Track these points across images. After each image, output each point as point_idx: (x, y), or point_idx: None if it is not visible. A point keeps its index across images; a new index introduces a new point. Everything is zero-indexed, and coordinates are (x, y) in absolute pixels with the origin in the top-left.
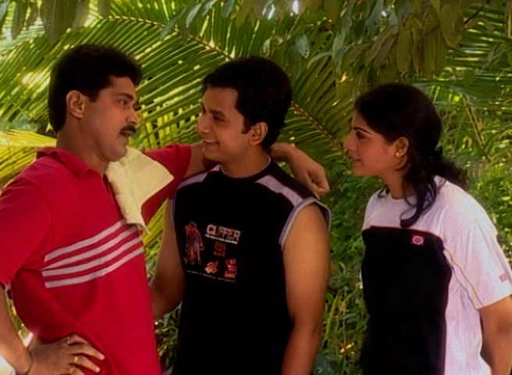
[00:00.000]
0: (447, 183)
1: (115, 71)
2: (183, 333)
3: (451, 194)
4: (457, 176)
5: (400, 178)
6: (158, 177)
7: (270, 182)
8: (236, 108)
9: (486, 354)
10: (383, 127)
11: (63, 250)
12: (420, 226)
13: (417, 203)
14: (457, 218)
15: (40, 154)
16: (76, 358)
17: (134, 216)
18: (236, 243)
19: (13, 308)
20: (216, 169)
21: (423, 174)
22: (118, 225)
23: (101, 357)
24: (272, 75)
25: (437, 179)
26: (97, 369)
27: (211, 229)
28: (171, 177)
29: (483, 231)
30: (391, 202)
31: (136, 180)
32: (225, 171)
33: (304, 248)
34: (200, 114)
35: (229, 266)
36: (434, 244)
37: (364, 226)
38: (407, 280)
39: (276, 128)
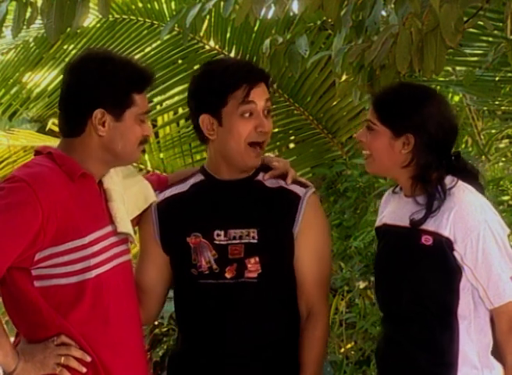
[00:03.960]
0: (459, 183)
1: (137, 88)
2: (201, 341)
3: (461, 195)
4: (476, 178)
5: (408, 178)
6: (145, 197)
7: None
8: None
9: (498, 354)
10: (390, 121)
11: (53, 249)
12: (429, 225)
13: (427, 205)
14: (467, 219)
15: (38, 152)
16: (62, 358)
17: (125, 225)
18: (255, 241)
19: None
20: (201, 177)
21: (434, 175)
22: (107, 229)
23: (88, 359)
24: None
25: (449, 179)
26: (84, 370)
27: (218, 235)
28: (154, 198)
29: (493, 232)
30: (403, 200)
31: (127, 195)
32: (220, 175)
33: (315, 235)
34: (244, 119)
35: (250, 265)
36: (443, 245)
37: (377, 223)
38: (417, 280)
39: None
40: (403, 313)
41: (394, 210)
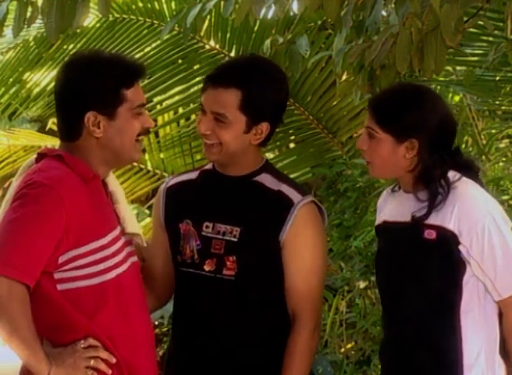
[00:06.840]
0: (462, 178)
1: (126, 84)
2: (181, 332)
3: (464, 188)
4: (476, 175)
5: (412, 178)
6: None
7: (267, 179)
8: (239, 109)
9: (504, 348)
10: (393, 129)
11: (76, 251)
12: (432, 220)
13: (429, 201)
14: (471, 212)
15: (41, 155)
16: (92, 361)
17: (133, 225)
18: (235, 240)
19: None
20: (209, 167)
21: (438, 173)
22: (118, 230)
23: (114, 360)
24: (273, 74)
25: (451, 174)
26: (110, 372)
27: (207, 226)
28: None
29: (498, 223)
30: (402, 196)
31: None
32: (221, 169)
33: (303, 245)
34: (200, 115)
35: (228, 263)
36: (448, 239)
37: (377, 222)
38: (420, 275)
39: (275, 127)
40: (406, 311)
41: (394, 207)
